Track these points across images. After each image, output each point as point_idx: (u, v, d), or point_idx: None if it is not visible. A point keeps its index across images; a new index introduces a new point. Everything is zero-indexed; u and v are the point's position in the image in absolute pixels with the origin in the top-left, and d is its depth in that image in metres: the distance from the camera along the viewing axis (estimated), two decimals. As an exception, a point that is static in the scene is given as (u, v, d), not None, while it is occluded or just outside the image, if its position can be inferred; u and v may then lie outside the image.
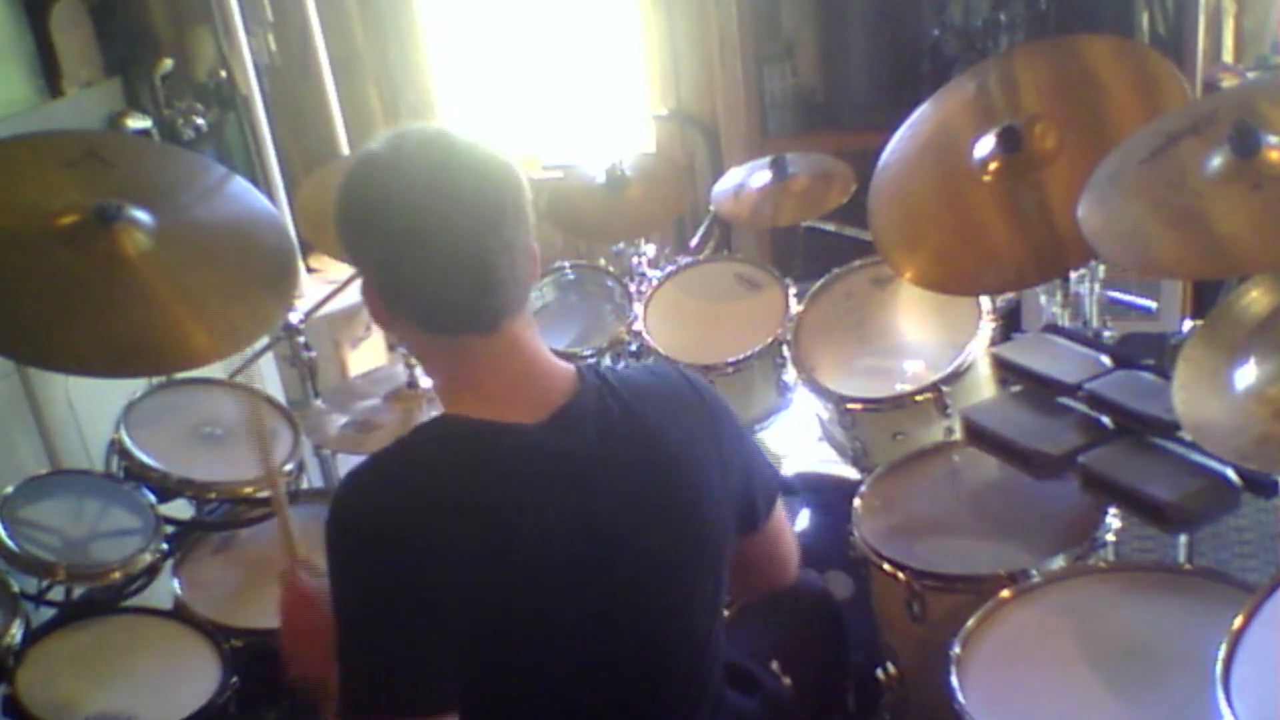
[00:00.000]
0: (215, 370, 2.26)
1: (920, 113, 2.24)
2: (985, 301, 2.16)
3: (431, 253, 1.22)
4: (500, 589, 1.21)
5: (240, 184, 2.22)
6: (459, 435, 1.26)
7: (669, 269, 2.72)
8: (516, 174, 1.26)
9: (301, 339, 2.46)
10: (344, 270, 2.89)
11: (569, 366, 1.33)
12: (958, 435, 1.96)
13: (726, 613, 1.48)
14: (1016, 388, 1.90)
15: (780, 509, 1.51)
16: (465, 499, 1.22)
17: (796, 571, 1.58)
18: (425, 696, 1.19)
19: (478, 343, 1.26)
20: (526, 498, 1.24)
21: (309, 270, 3.48)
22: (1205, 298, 3.01)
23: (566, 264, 2.88)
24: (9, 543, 1.79)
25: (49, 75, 3.15)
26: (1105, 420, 1.74)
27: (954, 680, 1.44)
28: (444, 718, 1.19)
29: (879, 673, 1.81)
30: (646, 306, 2.62)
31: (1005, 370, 1.93)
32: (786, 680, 1.60)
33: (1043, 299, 2.19)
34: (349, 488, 1.25)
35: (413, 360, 2.35)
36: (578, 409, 1.28)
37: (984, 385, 2.13)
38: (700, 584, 1.36)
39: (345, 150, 3.78)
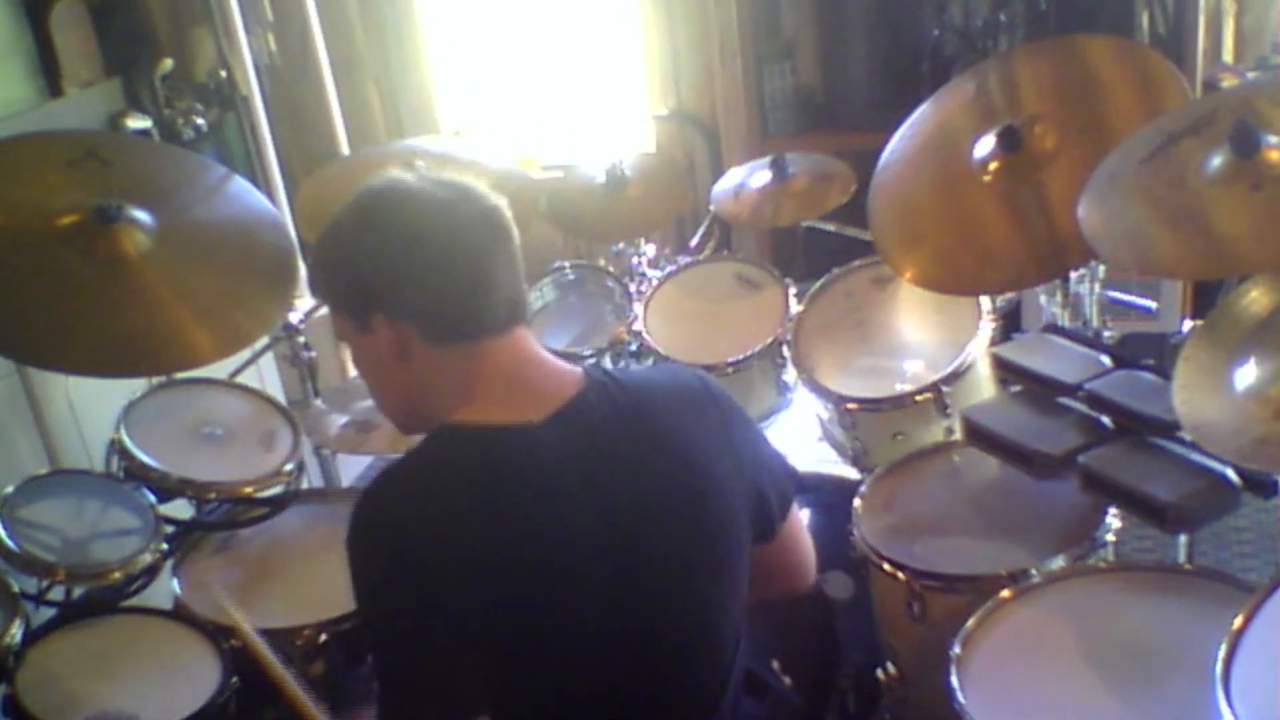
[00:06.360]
0: (215, 370, 2.26)
1: (920, 113, 2.24)
2: (985, 301, 2.16)
3: (451, 265, 1.28)
4: (516, 588, 1.22)
5: (240, 184, 2.23)
6: (464, 443, 1.28)
7: (669, 269, 2.72)
8: (501, 200, 1.35)
9: (301, 339, 2.46)
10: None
11: (574, 368, 1.35)
12: (958, 435, 1.96)
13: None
14: (1016, 388, 1.90)
15: (796, 514, 1.51)
16: (474, 505, 1.23)
17: (811, 579, 1.57)
18: (457, 700, 1.21)
19: (492, 344, 1.30)
20: (532, 496, 1.25)
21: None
22: (1205, 298, 3.01)
23: (566, 264, 2.88)
24: (9, 543, 1.79)
25: (49, 75, 3.14)
26: (1105, 420, 1.74)
27: (954, 680, 1.44)
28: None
29: (879, 673, 1.81)
30: (646, 306, 2.61)
31: (1005, 370, 1.93)
32: (788, 680, 1.60)
33: (1043, 299, 2.19)
34: (364, 505, 1.28)
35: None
36: (581, 405, 1.30)
37: (984, 385, 2.13)
38: (716, 581, 1.36)
39: (345, 150, 3.78)
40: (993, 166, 2.00)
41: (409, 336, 1.30)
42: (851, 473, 2.25)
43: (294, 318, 2.43)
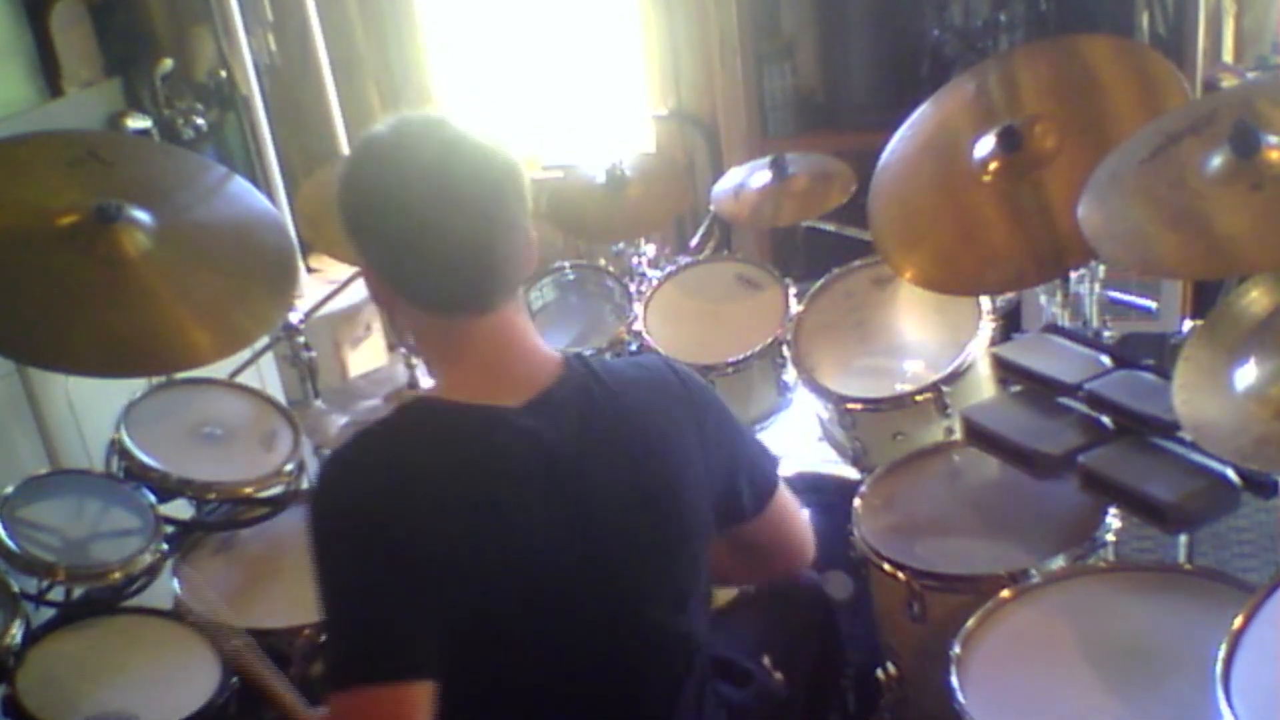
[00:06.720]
0: (215, 370, 2.26)
1: (920, 113, 2.24)
2: (985, 301, 2.16)
3: (431, 236, 1.26)
4: (479, 566, 1.23)
5: (240, 184, 2.23)
6: (438, 417, 1.29)
7: (669, 269, 2.72)
8: (514, 158, 1.32)
9: (301, 339, 2.46)
10: (344, 270, 2.90)
11: (555, 354, 1.35)
12: (958, 435, 1.96)
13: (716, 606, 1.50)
14: (1016, 388, 1.90)
15: (784, 498, 1.51)
16: (444, 480, 1.24)
17: (810, 557, 1.59)
18: (407, 659, 1.21)
19: (472, 323, 1.29)
20: (503, 479, 1.26)
21: (309, 270, 3.48)
22: (1205, 298, 3.01)
23: (566, 264, 2.88)
24: (9, 543, 1.79)
25: (49, 75, 3.15)
26: (1105, 420, 1.74)
27: (954, 680, 1.44)
28: (426, 684, 1.20)
29: (879, 673, 1.81)
30: (646, 306, 2.61)
31: (1005, 370, 1.93)
32: (778, 675, 1.61)
33: (1043, 299, 2.19)
34: (332, 466, 1.28)
35: (414, 360, 2.35)
36: (559, 393, 1.31)
37: (984, 385, 2.13)
38: (678, 571, 1.37)
39: (345, 150, 3.78)
40: (993, 166, 2.00)
41: (391, 291, 1.31)
42: (851, 473, 2.25)
43: (294, 318, 2.43)
